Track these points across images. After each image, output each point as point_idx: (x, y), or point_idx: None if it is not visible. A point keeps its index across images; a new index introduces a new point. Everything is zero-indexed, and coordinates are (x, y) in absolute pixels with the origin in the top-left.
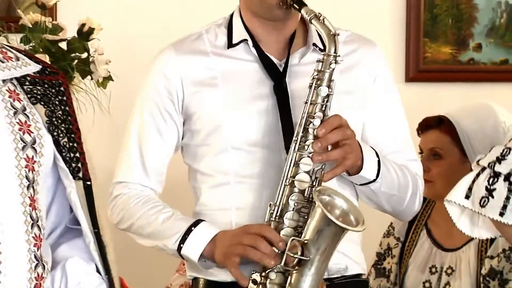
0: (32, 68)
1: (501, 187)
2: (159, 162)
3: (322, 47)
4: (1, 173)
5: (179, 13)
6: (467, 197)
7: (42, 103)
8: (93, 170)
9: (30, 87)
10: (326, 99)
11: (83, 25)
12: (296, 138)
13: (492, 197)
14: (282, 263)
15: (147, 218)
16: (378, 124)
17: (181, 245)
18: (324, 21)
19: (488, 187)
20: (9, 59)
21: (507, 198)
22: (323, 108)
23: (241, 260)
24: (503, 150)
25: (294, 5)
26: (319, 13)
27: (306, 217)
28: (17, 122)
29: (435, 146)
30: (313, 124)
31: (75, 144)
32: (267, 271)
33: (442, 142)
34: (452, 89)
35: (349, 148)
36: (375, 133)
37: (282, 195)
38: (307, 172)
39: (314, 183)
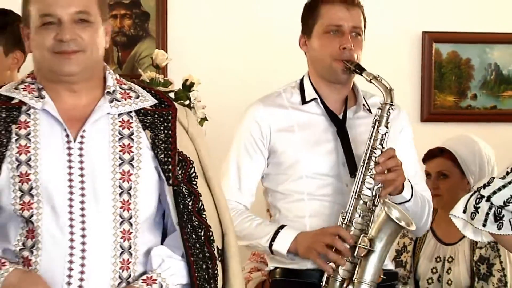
0: (150, 102)
1: (483, 205)
2: (252, 185)
3: (368, 107)
4: (99, 184)
5: (257, 72)
6: (464, 211)
7: (149, 129)
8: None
9: (143, 117)
10: (384, 136)
11: (186, 80)
12: (362, 164)
13: (478, 212)
14: (355, 254)
15: (243, 224)
16: (403, 163)
17: (272, 243)
18: (381, 80)
19: (475, 205)
20: (127, 98)
21: (487, 214)
22: (382, 143)
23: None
24: (489, 179)
25: (356, 70)
26: (377, 74)
27: (368, 222)
28: (119, 145)
29: (442, 169)
30: (375, 153)
31: (169, 159)
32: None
33: (447, 165)
34: (455, 127)
35: (398, 173)
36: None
37: (351, 205)
38: (370, 189)
39: (374, 197)
